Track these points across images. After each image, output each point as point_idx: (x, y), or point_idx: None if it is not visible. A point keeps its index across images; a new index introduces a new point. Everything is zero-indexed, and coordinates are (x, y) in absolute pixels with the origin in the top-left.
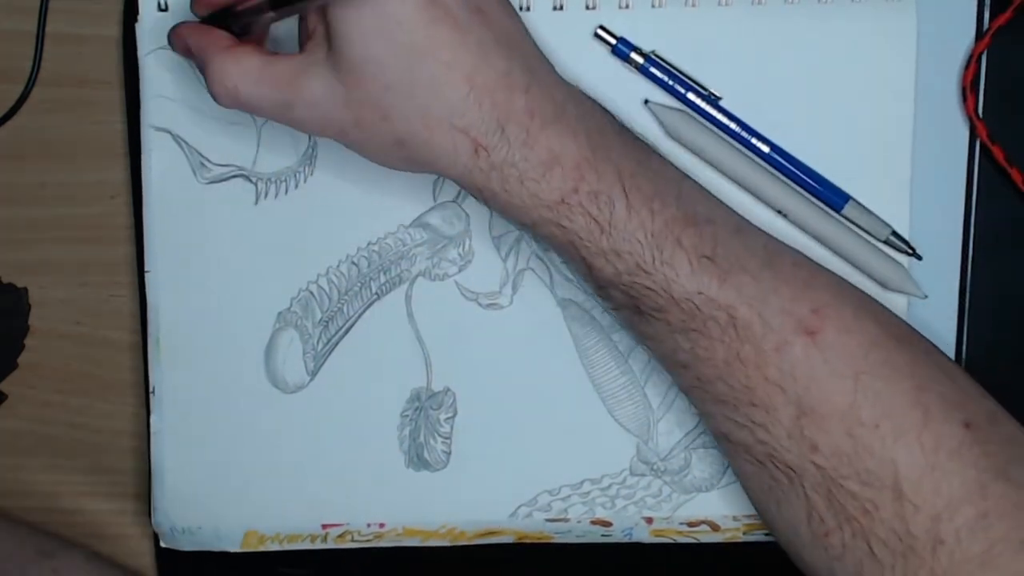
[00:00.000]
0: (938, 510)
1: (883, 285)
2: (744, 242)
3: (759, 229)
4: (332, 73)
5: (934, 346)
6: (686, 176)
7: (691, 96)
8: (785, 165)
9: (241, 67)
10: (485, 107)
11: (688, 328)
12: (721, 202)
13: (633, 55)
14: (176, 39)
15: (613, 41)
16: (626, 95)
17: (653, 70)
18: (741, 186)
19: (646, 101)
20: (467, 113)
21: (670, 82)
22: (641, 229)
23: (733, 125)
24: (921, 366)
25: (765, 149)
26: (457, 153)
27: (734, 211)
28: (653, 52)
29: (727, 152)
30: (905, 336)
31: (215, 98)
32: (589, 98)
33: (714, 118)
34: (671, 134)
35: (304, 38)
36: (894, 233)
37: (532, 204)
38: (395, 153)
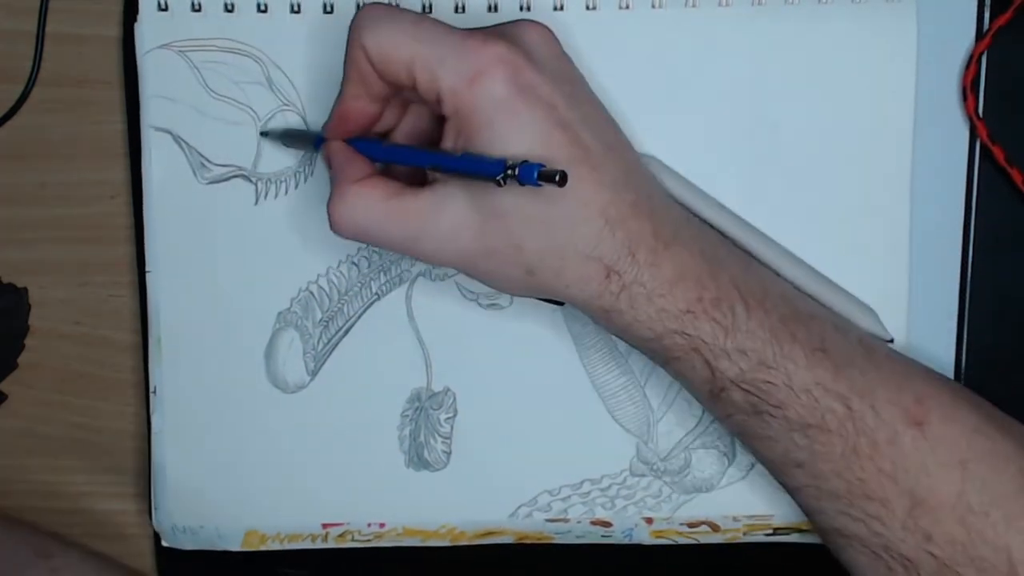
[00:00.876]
0: None
1: None
2: (844, 336)
3: (849, 321)
4: (467, 206)
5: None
6: (778, 278)
7: None
8: None
9: (367, 201)
10: (618, 236)
11: (806, 423)
12: (812, 299)
13: None
14: (323, 151)
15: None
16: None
17: None
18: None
19: None
20: (601, 244)
21: None
22: (761, 327)
23: None
24: (1020, 448)
25: None
26: (589, 279)
27: (829, 309)
28: None
29: (699, 197)
30: (1002, 421)
31: (333, 227)
32: (694, 217)
33: None
34: None
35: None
36: None
37: (659, 317)
38: (524, 281)
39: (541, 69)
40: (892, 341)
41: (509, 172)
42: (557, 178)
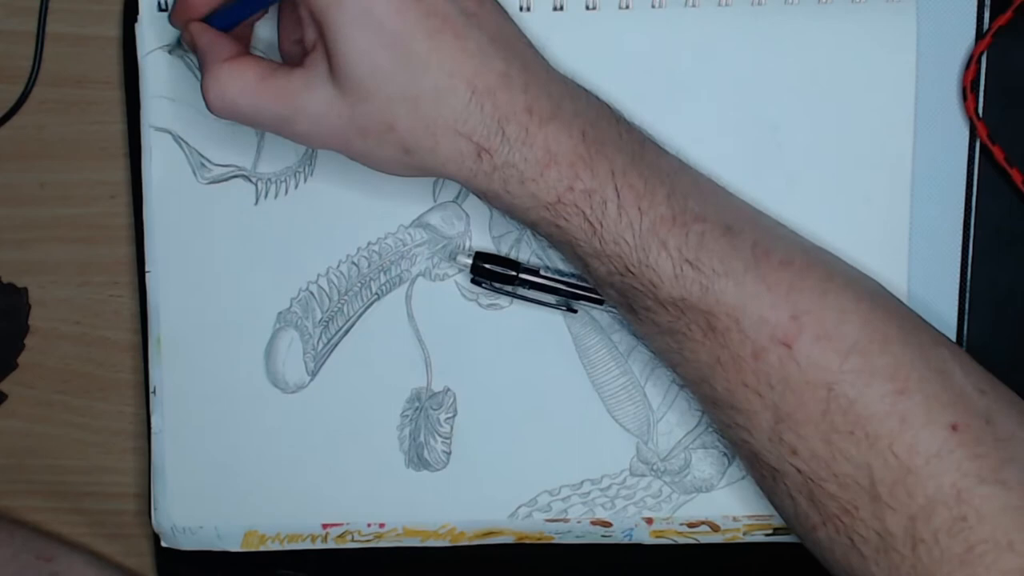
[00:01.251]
0: (913, 512)
1: None
2: (732, 242)
3: (752, 222)
4: (335, 88)
5: (937, 337)
6: (681, 166)
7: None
8: None
9: (240, 79)
10: (487, 110)
11: (673, 329)
12: (716, 193)
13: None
14: (184, 35)
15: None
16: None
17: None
18: None
19: None
20: (470, 118)
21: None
22: (629, 230)
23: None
24: (906, 367)
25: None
26: (462, 158)
27: (732, 202)
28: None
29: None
30: (894, 336)
31: (209, 107)
32: (585, 90)
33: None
34: None
35: (297, 51)
36: None
37: (532, 204)
38: (401, 161)
39: None
40: None
41: None
42: None
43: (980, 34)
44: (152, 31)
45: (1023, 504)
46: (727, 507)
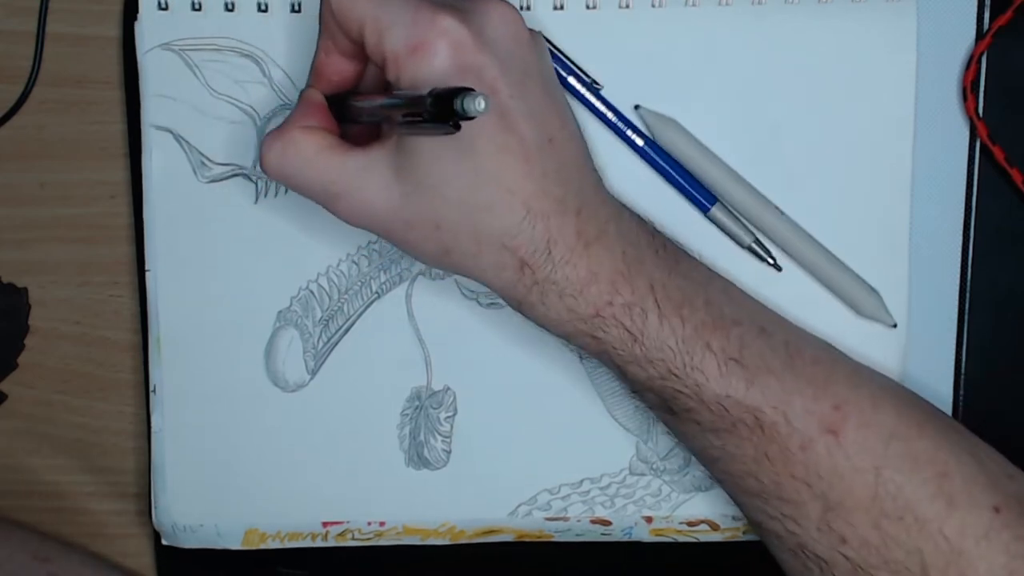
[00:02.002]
0: None
1: (856, 310)
2: (768, 342)
3: (781, 324)
4: (392, 178)
5: (958, 425)
6: (711, 275)
7: (571, 80)
8: (657, 161)
9: (302, 148)
10: (538, 230)
11: (717, 428)
12: (746, 299)
13: None
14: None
15: None
16: (618, 97)
17: None
18: (722, 198)
19: (636, 107)
20: (520, 235)
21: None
22: (672, 337)
23: (610, 115)
24: (943, 452)
25: (639, 142)
26: (503, 269)
27: (759, 307)
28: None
29: (712, 162)
30: (927, 421)
31: (262, 164)
32: (628, 209)
33: (591, 104)
34: (659, 140)
35: (363, 131)
36: (756, 241)
37: (568, 318)
38: (438, 258)
39: (490, 51)
40: (895, 326)
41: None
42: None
43: (980, 34)
44: (152, 30)
45: None
46: (726, 506)
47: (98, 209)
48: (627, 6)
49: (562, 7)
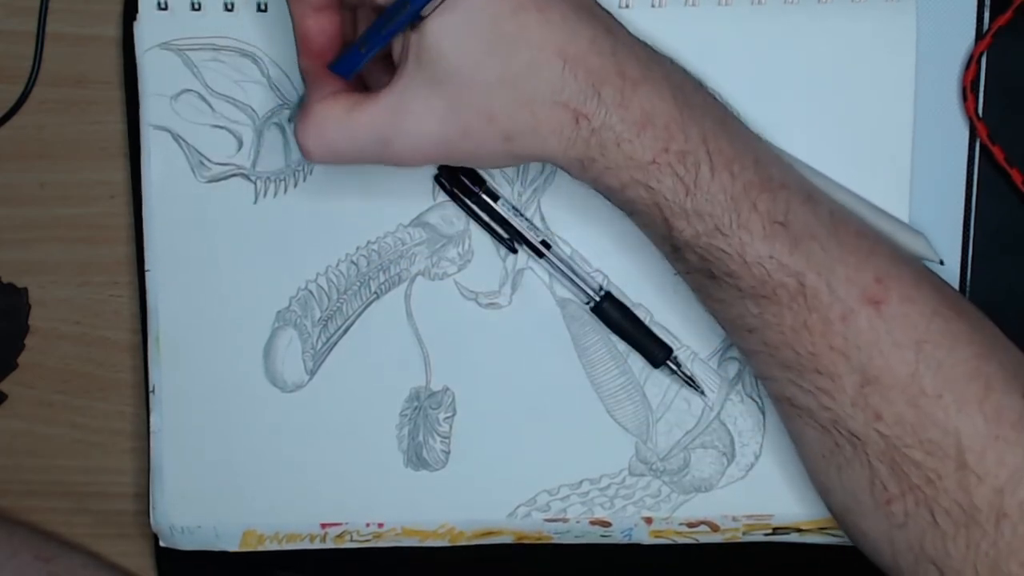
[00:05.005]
0: (1001, 482)
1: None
2: (813, 209)
3: (824, 195)
4: (430, 92)
5: (985, 317)
6: (760, 139)
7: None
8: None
9: (331, 113)
10: (580, 77)
11: (758, 294)
12: (792, 167)
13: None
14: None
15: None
16: None
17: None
18: None
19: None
20: (566, 87)
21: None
22: (722, 192)
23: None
24: (981, 334)
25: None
26: (562, 127)
27: (805, 177)
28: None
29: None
30: (963, 305)
31: (305, 153)
32: (669, 57)
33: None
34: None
35: (377, 77)
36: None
37: (626, 165)
38: (503, 151)
39: None
40: (943, 263)
41: None
42: None
43: (980, 34)
44: (151, 29)
45: None
46: (726, 507)
47: (98, 209)
48: (627, 6)
49: None
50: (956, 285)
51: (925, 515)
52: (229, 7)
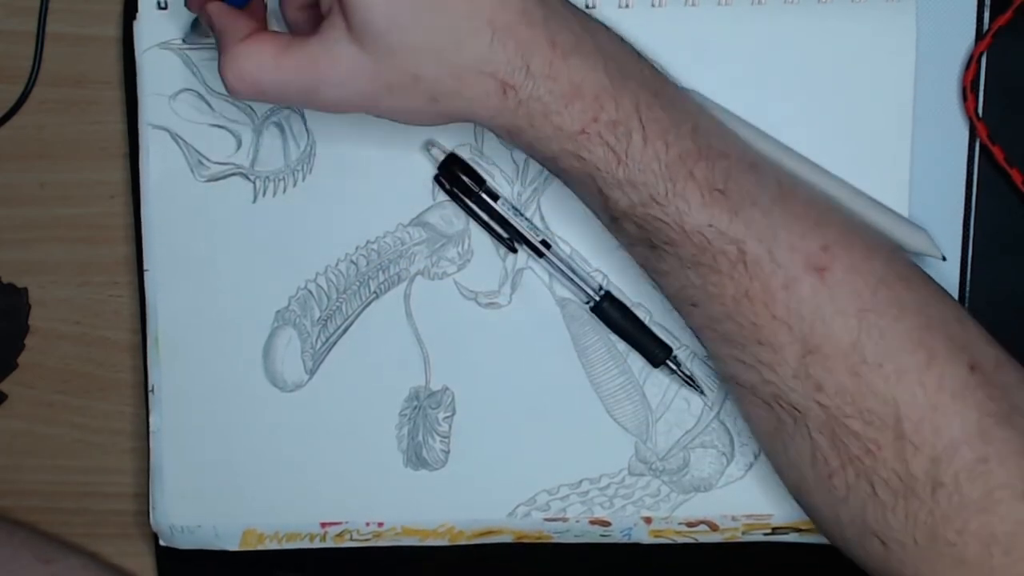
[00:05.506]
0: (937, 452)
1: (905, 248)
2: (757, 178)
3: (775, 166)
4: (357, 47)
5: (944, 291)
6: (702, 109)
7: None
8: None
9: (258, 56)
10: (509, 47)
11: (699, 262)
12: (737, 137)
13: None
14: (202, 18)
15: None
16: None
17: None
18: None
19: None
20: (493, 57)
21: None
22: (656, 160)
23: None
24: (929, 306)
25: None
26: (488, 97)
27: (750, 147)
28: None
29: (732, 119)
30: (915, 277)
31: (229, 89)
32: (604, 26)
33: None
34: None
35: (304, 19)
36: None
37: (555, 136)
38: (428, 110)
39: None
40: (945, 259)
41: None
42: None
43: (980, 34)
44: (151, 29)
45: None
46: (725, 506)
47: (98, 209)
48: (627, 6)
49: None
50: (956, 284)
51: (865, 487)
52: None
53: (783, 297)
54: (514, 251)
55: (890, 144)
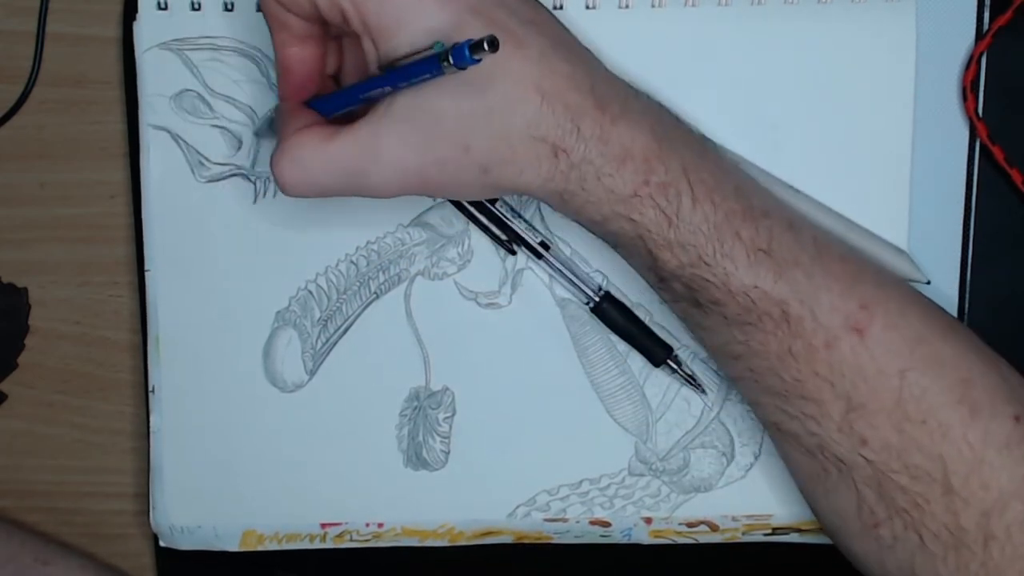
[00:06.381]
0: (987, 505)
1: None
2: (796, 236)
3: (808, 221)
4: (406, 124)
5: (980, 341)
6: (739, 168)
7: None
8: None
9: (308, 144)
10: (559, 112)
11: (743, 321)
12: (772, 194)
13: None
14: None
15: None
16: None
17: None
18: None
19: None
20: (543, 122)
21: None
22: (705, 221)
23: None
24: (967, 359)
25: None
26: (539, 161)
27: (785, 203)
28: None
29: (747, 165)
30: (950, 328)
31: (280, 182)
32: (643, 92)
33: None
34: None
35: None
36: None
37: (607, 198)
38: (479, 182)
39: None
40: (929, 283)
41: (445, 63)
42: (486, 45)
43: (980, 34)
44: (151, 29)
45: None
46: (726, 507)
47: (98, 209)
48: (627, 6)
49: (561, 7)
50: (956, 285)
51: (913, 538)
52: (229, 7)
53: (825, 356)
54: (513, 253)
55: (890, 144)
